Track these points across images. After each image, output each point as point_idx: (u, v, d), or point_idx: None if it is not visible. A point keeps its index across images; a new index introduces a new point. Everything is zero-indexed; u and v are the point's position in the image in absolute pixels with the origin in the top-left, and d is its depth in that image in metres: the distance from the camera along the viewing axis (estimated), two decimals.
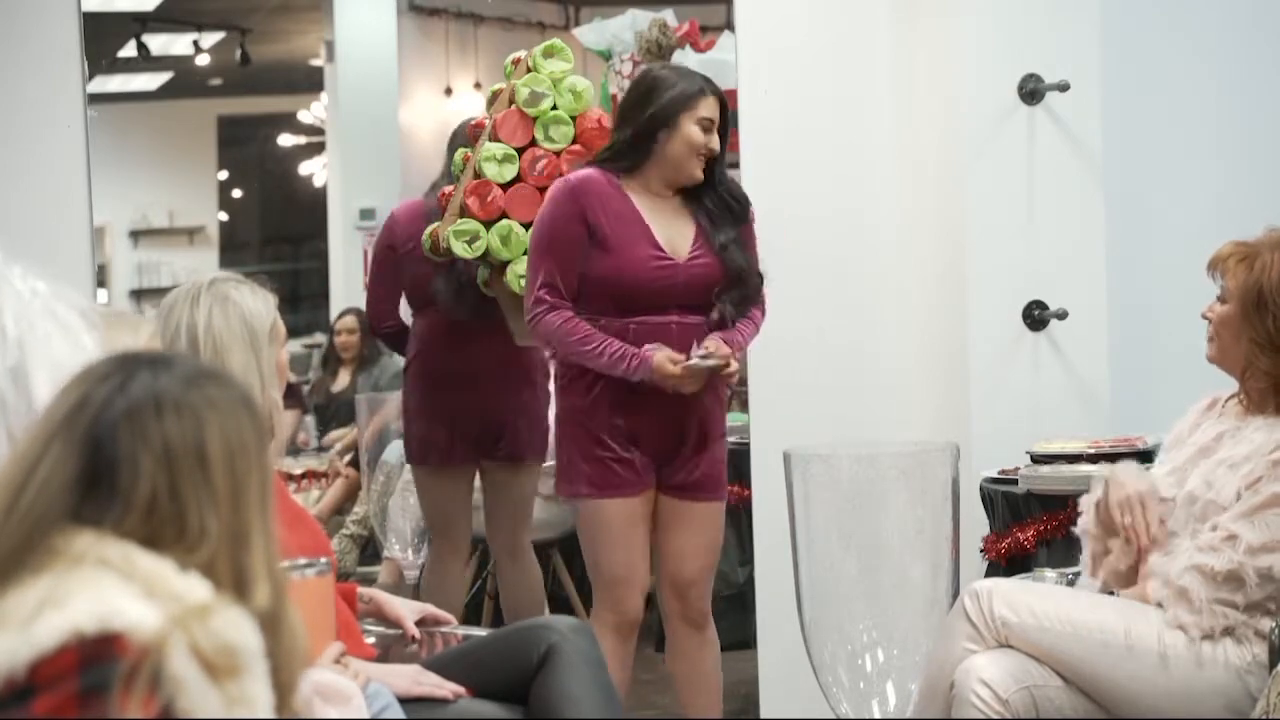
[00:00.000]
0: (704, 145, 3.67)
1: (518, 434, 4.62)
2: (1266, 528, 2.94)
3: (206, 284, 2.77)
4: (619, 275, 3.64)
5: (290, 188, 12.94)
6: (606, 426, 3.66)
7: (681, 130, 3.66)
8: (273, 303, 2.79)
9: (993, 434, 4.20)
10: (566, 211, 3.64)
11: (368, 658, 2.80)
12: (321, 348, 9.65)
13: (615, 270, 3.64)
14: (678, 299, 3.69)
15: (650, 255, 3.67)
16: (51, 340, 1.97)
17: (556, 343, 3.66)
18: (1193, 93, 4.51)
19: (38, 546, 1.54)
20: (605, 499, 3.67)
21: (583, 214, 3.64)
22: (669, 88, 3.68)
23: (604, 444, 3.67)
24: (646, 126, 3.67)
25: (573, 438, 3.71)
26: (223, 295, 2.74)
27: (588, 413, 3.68)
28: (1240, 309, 3.09)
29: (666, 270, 3.67)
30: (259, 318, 2.74)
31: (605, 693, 2.85)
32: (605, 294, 3.64)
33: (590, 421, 3.67)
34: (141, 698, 1.45)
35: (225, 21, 10.20)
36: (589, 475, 3.67)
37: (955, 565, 3.39)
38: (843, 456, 3.39)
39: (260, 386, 2.71)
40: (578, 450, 3.69)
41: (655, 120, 3.66)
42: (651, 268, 3.66)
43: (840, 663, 3.33)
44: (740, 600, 4.77)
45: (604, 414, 3.66)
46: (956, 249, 4.31)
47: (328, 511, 6.53)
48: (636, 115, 3.70)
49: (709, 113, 3.68)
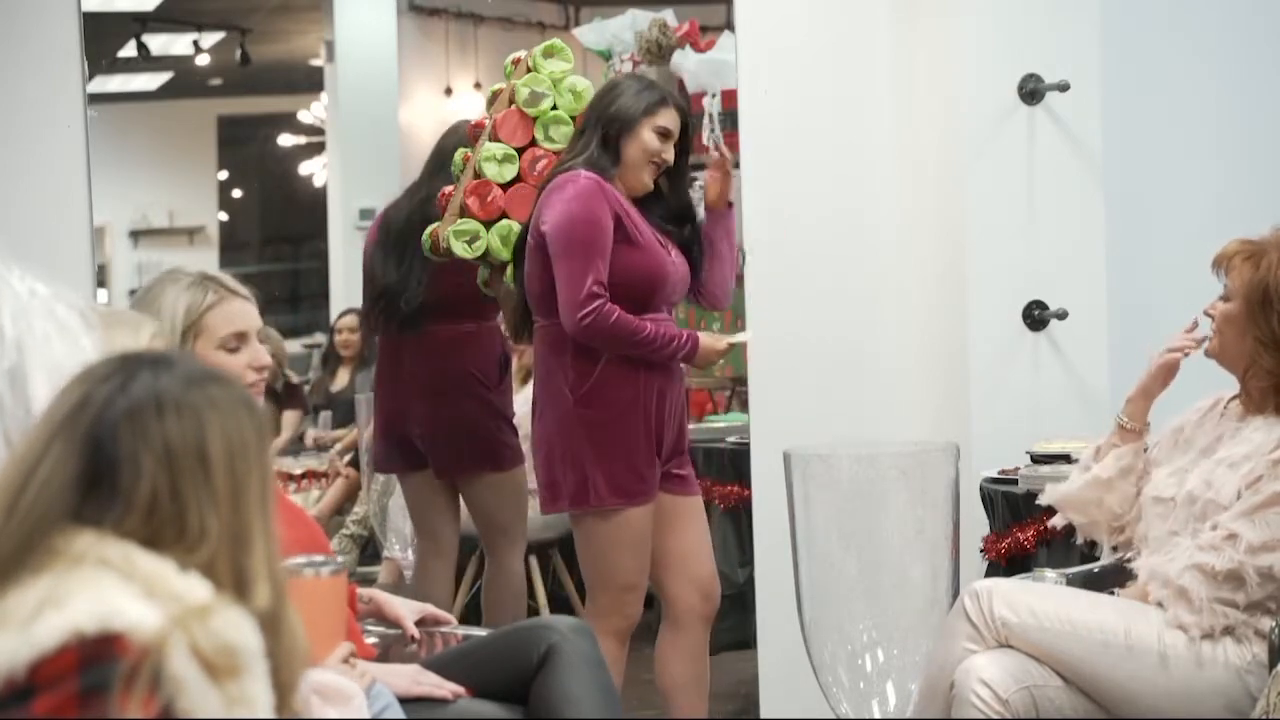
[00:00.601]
0: (657, 153, 3.70)
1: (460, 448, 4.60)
2: (1267, 527, 2.94)
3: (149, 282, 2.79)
4: (650, 270, 3.66)
5: (290, 188, 12.94)
6: (641, 433, 3.64)
7: (640, 135, 3.70)
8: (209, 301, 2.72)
9: (993, 434, 4.19)
10: (599, 206, 3.61)
11: (367, 658, 2.80)
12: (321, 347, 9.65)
13: (647, 265, 3.65)
14: (670, 296, 3.76)
15: (666, 252, 3.72)
16: (50, 341, 1.97)
17: (612, 338, 3.59)
18: (1193, 93, 4.51)
19: (38, 546, 1.54)
20: (633, 507, 3.64)
21: (613, 211, 3.63)
22: (632, 94, 3.73)
23: (640, 451, 3.64)
24: (608, 130, 3.70)
25: (604, 447, 3.63)
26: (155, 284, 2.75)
27: (627, 421, 3.63)
28: (1245, 307, 3.10)
29: (671, 268, 3.73)
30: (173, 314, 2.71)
31: (605, 693, 2.86)
32: (630, 291, 3.63)
33: (622, 429, 3.63)
34: (142, 698, 1.45)
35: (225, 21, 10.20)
36: (617, 485, 3.62)
37: (955, 565, 3.39)
38: (843, 456, 3.39)
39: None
40: (600, 461, 3.63)
41: (616, 123, 3.69)
42: (668, 264, 3.71)
43: (840, 663, 3.33)
44: (740, 600, 4.76)
45: (639, 420, 3.64)
46: (956, 249, 4.31)
47: (328, 511, 6.53)
48: (599, 119, 3.73)
49: (668, 123, 3.72)
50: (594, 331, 3.58)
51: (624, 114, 3.70)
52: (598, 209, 3.61)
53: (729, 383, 6.12)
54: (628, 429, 3.63)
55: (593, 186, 3.63)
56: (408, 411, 4.62)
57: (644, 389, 3.65)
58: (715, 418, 5.98)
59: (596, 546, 3.70)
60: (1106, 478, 3.28)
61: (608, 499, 3.63)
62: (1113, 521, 3.30)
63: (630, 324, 3.59)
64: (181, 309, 2.72)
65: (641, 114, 3.70)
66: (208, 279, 2.78)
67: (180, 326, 2.71)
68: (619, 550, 3.66)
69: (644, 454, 3.65)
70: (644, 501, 3.66)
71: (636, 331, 3.60)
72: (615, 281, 3.61)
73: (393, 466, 4.79)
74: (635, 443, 3.64)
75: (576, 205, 3.61)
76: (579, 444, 3.65)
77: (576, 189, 3.64)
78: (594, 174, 3.67)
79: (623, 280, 3.62)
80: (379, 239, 4.65)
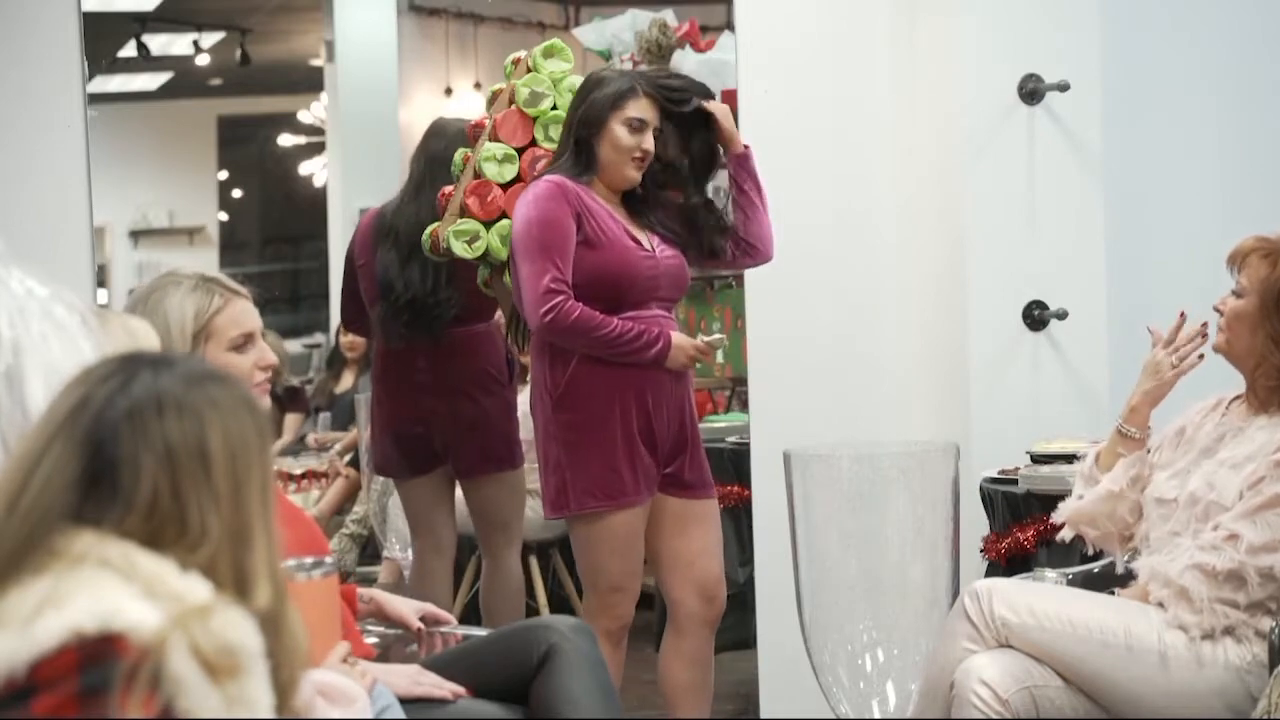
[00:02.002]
0: (633, 147, 3.65)
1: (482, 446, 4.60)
2: (1268, 527, 2.94)
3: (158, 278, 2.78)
4: (613, 270, 3.60)
5: (290, 188, 12.93)
6: (623, 434, 3.59)
7: (610, 132, 3.65)
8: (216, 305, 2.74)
9: (993, 434, 4.20)
10: (557, 208, 3.58)
11: (367, 658, 2.80)
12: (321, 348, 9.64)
13: (608, 265, 3.60)
14: (657, 293, 3.69)
15: (635, 249, 3.66)
16: (48, 343, 1.96)
17: (576, 334, 3.55)
18: (1193, 93, 4.51)
19: (39, 546, 1.54)
20: (616, 510, 3.60)
21: (572, 210, 3.59)
22: (598, 89, 3.68)
23: (619, 453, 3.59)
24: (580, 134, 3.67)
25: (578, 450, 3.60)
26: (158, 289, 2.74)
27: (601, 422, 3.58)
28: (1260, 304, 3.09)
29: (650, 263, 3.67)
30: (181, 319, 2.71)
31: (605, 693, 2.86)
32: (596, 291, 3.59)
33: (603, 431, 3.58)
34: (142, 698, 1.45)
35: (225, 21, 10.20)
36: (592, 489, 3.59)
37: (955, 565, 3.39)
38: (843, 456, 3.40)
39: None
40: (574, 464, 3.60)
41: (585, 124, 3.66)
42: (640, 260, 3.65)
43: (840, 663, 3.34)
44: (740, 600, 4.76)
45: (620, 421, 3.60)
46: (956, 249, 4.31)
47: (328, 511, 6.52)
48: (571, 123, 3.70)
49: (638, 113, 3.65)
50: (555, 328, 3.54)
51: (591, 115, 3.65)
52: (554, 210, 3.58)
53: (729, 383, 6.12)
54: (603, 431, 3.58)
55: (549, 188, 3.61)
56: (423, 413, 4.59)
57: (620, 389, 3.59)
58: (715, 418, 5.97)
59: (581, 549, 3.69)
60: (1118, 490, 3.25)
61: (585, 503, 3.60)
62: (1124, 531, 3.28)
63: (592, 320, 3.54)
64: (190, 313, 2.72)
65: (609, 110, 3.64)
66: (208, 281, 2.78)
67: (190, 331, 2.71)
68: (602, 553, 3.64)
69: (624, 455, 3.59)
70: (628, 504, 3.61)
71: (600, 327, 3.55)
72: (577, 282, 3.57)
73: (393, 470, 4.75)
74: (612, 445, 3.58)
75: (532, 209, 3.60)
76: (556, 448, 3.63)
77: (534, 193, 3.63)
78: (557, 177, 3.64)
79: (584, 281, 3.58)
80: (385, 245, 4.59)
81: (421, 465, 4.67)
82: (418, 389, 4.60)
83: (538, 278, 3.55)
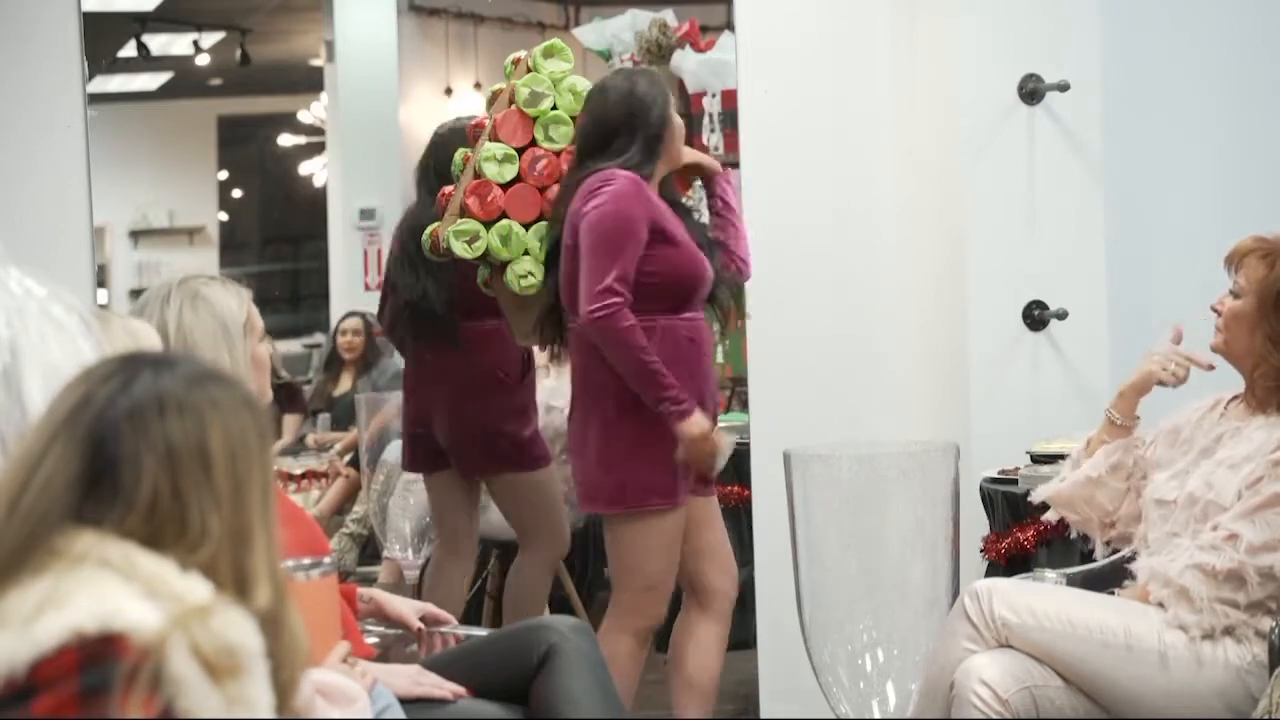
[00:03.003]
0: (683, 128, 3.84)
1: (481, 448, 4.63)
2: (1267, 527, 2.94)
3: (177, 283, 2.78)
4: (688, 268, 3.66)
5: (290, 188, 12.94)
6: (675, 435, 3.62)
7: (673, 121, 3.78)
8: (246, 297, 2.78)
9: (993, 434, 4.20)
10: (639, 209, 3.61)
11: (367, 658, 2.80)
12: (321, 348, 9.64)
13: (687, 263, 3.66)
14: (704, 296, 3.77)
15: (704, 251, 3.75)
16: (47, 343, 1.96)
17: (620, 344, 3.55)
18: (1193, 93, 4.51)
19: (39, 546, 1.54)
20: (668, 510, 3.65)
21: (650, 214, 3.63)
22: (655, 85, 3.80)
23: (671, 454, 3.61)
24: (654, 128, 3.72)
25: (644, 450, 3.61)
26: (192, 292, 2.74)
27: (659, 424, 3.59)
28: (1258, 305, 3.10)
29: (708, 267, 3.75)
30: (230, 312, 2.74)
31: (605, 693, 2.86)
32: (669, 289, 3.64)
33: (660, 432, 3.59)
34: (142, 698, 1.45)
35: (225, 21, 10.21)
36: (654, 487, 3.63)
37: (955, 565, 3.39)
38: (843, 456, 3.40)
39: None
40: (639, 463, 3.62)
41: (664, 119, 3.73)
42: (704, 263, 3.73)
43: (840, 663, 3.33)
44: (740, 600, 4.76)
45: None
46: (956, 249, 4.31)
47: (328, 511, 6.53)
48: (644, 120, 3.72)
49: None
50: (603, 328, 3.54)
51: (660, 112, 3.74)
52: (634, 210, 3.60)
53: (729, 383, 6.12)
54: (666, 432, 3.60)
55: (630, 187, 3.63)
56: (432, 412, 4.66)
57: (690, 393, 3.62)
58: None
59: (626, 546, 3.70)
60: (1096, 476, 3.29)
61: (647, 499, 3.63)
62: (1104, 518, 3.30)
63: (641, 340, 3.55)
64: (236, 306, 2.75)
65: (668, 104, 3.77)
66: (214, 280, 2.80)
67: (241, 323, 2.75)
68: (648, 552, 3.67)
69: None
70: (680, 504, 3.67)
71: (646, 351, 3.55)
72: (658, 279, 3.61)
73: (418, 467, 4.82)
74: (672, 446, 3.61)
75: (613, 204, 3.60)
76: (618, 445, 3.64)
77: (615, 189, 3.62)
78: (633, 174, 3.67)
79: (666, 278, 3.63)
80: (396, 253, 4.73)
81: (432, 463, 4.74)
82: (426, 388, 4.67)
83: (603, 273, 3.55)
